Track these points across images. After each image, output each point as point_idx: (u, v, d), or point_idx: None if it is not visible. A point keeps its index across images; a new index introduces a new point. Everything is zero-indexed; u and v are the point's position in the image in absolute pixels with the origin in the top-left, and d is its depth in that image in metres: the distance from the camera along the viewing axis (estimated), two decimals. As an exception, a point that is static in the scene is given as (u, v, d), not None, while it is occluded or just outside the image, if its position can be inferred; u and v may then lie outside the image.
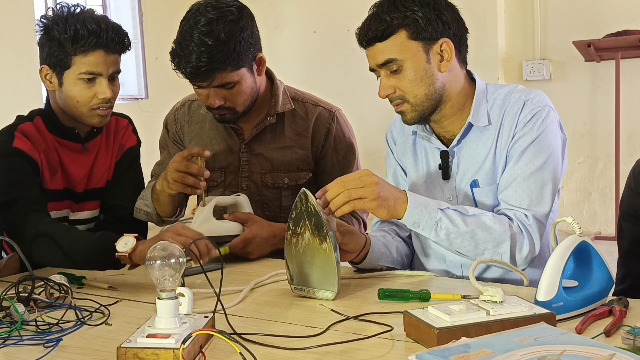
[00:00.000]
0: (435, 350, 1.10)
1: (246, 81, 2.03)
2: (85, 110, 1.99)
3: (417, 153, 1.90)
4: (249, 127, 2.18)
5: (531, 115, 1.74)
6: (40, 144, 2.02)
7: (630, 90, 5.33)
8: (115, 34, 1.96)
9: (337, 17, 6.20)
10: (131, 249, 1.69)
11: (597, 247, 1.48)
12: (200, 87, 2.01)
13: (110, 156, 2.15)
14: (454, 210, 1.67)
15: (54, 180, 2.03)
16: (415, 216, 1.64)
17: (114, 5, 6.37)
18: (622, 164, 5.23)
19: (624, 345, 1.21)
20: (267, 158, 2.17)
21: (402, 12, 1.70)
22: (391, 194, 1.62)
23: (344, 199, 1.57)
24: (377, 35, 1.71)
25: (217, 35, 1.92)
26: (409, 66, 1.71)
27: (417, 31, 1.70)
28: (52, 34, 1.95)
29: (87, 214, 2.13)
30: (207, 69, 1.94)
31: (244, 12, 2.01)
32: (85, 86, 1.96)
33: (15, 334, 1.39)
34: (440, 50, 1.73)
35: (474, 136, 1.79)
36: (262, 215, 2.15)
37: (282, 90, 2.18)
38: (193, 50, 1.92)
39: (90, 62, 1.94)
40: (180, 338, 1.20)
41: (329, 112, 2.21)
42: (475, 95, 1.79)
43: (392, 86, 1.74)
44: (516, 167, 1.73)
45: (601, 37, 5.21)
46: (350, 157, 2.22)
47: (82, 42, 1.92)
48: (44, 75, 2.01)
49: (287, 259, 1.63)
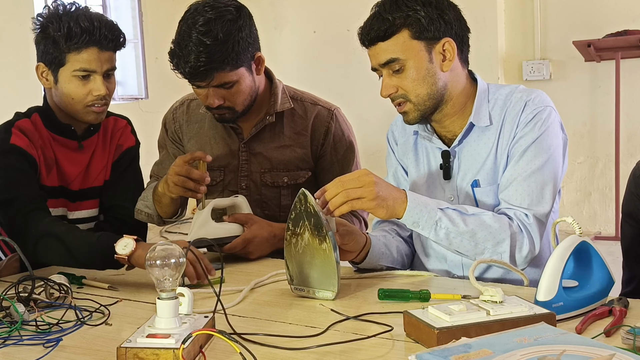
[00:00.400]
0: (435, 350, 1.10)
1: (245, 80, 2.03)
2: (80, 107, 1.99)
3: (418, 153, 1.90)
4: (248, 127, 2.18)
5: (532, 115, 1.74)
6: (38, 140, 2.02)
7: (630, 90, 5.32)
8: (108, 31, 1.96)
9: (337, 17, 6.20)
10: (130, 251, 1.70)
11: (597, 247, 1.48)
12: (199, 87, 2.01)
13: (106, 156, 2.15)
14: (454, 210, 1.67)
15: (49, 177, 2.04)
16: (415, 216, 1.64)
17: (114, 5, 6.37)
18: (622, 164, 5.23)
19: (624, 345, 1.21)
20: (267, 157, 2.17)
21: (404, 11, 1.70)
22: (390, 194, 1.62)
23: (342, 199, 1.57)
24: (379, 35, 1.71)
25: (216, 35, 1.92)
26: (411, 66, 1.71)
27: (419, 30, 1.70)
28: (47, 31, 1.96)
29: (85, 213, 2.12)
30: (206, 69, 1.94)
31: (242, 11, 2.01)
32: (80, 83, 1.96)
33: (15, 334, 1.39)
34: (442, 50, 1.73)
35: (475, 136, 1.79)
36: (262, 214, 2.15)
37: (281, 89, 2.18)
38: (191, 50, 1.92)
39: (84, 59, 1.95)
40: (180, 338, 1.20)
41: (328, 110, 2.21)
42: (477, 95, 1.80)
43: (394, 86, 1.74)
44: (517, 166, 1.73)
45: (601, 37, 5.21)
46: (349, 155, 2.22)
47: (75, 40, 1.93)
48: (40, 73, 2.02)
49: (287, 259, 1.63)
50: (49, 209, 2.02)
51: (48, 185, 2.03)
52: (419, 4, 1.70)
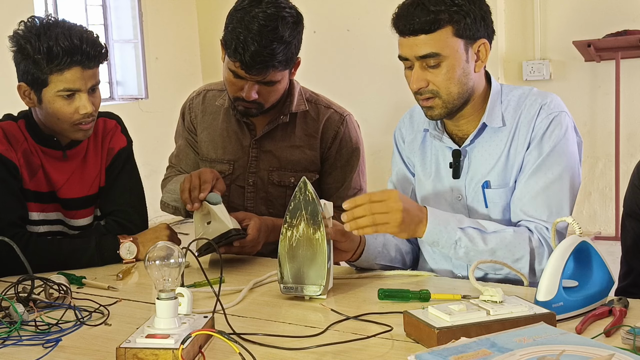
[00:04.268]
0: (435, 350, 1.10)
1: (284, 81, 2.07)
2: (67, 126, 1.95)
3: (426, 150, 1.89)
4: (261, 124, 2.19)
5: (548, 121, 1.73)
6: (21, 144, 1.98)
7: (630, 90, 5.32)
8: (91, 47, 1.90)
9: (337, 17, 6.20)
10: (135, 254, 1.96)
11: (597, 247, 1.48)
12: (245, 78, 2.00)
13: (99, 161, 2.10)
14: (474, 229, 1.67)
15: (34, 182, 2.00)
16: (435, 236, 1.66)
17: (114, 5, 6.36)
18: (622, 164, 5.23)
19: (624, 345, 1.20)
20: (276, 156, 2.18)
21: (448, 5, 1.66)
22: (413, 219, 1.63)
23: (368, 222, 1.58)
24: (424, 28, 1.66)
25: (282, 35, 1.95)
26: (448, 63, 1.69)
27: (462, 28, 1.68)
28: (26, 52, 1.89)
29: (82, 221, 2.10)
30: (265, 64, 1.95)
31: (300, 16, 2.04)
32: (65, 102, 1.91)
33: (14, 334, 1.39)
34: (477, 51, 1.72)
35: (487, 137, 1.78)
36: (267, 212, 2.16)
37: (297, 90, 2.20)
38: (254, 41, 1.93)
39: (67, 79, 1.89)
40: (180, 338, 1.20)
41: (340, 115, 2.22)
42: (491, 95, 1.78)
43: (426, 80, 1.71)
44: (534, 177, 1.72)
45: (601, 37, 5.21)
46: (353, 161, 2.22)
47: (57, 62, 1.87)
48: (23, 92, 1.96)
49: (280, 256, 1.61)
50: (38, 212, 2.01)
51: (35, 190, 2.00)
52: (465, 0, 1.68)
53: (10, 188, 1.95)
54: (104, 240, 1.97)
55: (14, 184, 1.96)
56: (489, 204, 1.78)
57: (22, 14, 2.22)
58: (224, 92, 2.21)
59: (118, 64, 6.40)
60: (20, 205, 1.97)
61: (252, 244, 1.96)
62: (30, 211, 2.00)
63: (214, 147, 2.22)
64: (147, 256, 1.30)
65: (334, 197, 2.10)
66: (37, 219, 2.02)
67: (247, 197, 2.20)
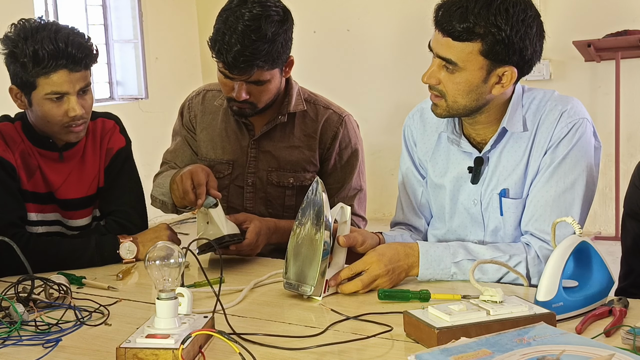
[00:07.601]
0: (435, 350, 1.10)
1: (275, 80, 2.06)
2: (57, 129, 1.95)
3: (441, 154, 1.86)
4: (260, 124, 2.18)
5: (567, 129, 1.70)
6: (18, 145, 1.99)
7: (630, 90, 5.32)
8: (77, 50, 1.89)
9: (337, 17, 6.20)
10: (135, 254, 1.96)
11: (597, 247, 1.48)
12: (232, 78, 2.01)
13: (97, 161, 2.10)
14: (469, 261, 1.67)
15: (32, 182, 2.00)
16: (429, 275, 1.69)
17: (114, 5, 6.36)
18: (622, 164, 5.23)
19: (624, 345, 1.21)
20: (275, 156, 2.18)
21: (489, 22, 1.60)
22: (403, 269, 1.67)
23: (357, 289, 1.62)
24: (454, 33, 1.62)
25: (264, 33, 1.94)
26: (464, 75, 1.65)
27: (491, 50, 1.62)
28: (14, 55, 1.90)
29: (81, 221, 2.10)
30: (248, 64, 1.95)
31: (288, 14, 2.03)
32: (54, 105, 1.91)
33: (14, 334, 1.39)
34: (501, 75, 1.67)
35: (506, 142, 1.75)
36: (266, 212, 2.16)
37: (296, 90, 2.20)
38: (237, 42, 1.93)
39: (54, 82, 1.88)
40: (180, 338, 1.20)
41: (338, 116, 2.21)
42: (512, 99, 1.74)
43: (438, 79, 1.69)
44: (547, 185, 1.70)
45: (601, 37, 5.21)
46: (353, 162, 2.22)
47: (42, 65, 1.86)
48: (14, 95, 1.96)
49: (287, 252, 1.63)
50: (37, 213, 2.01)
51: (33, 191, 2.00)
52: (508, 24, 1.60)
53: (9, 188, 1.95)
54: (104, 240, 1.97)
55: (12, 184, 1.96)
56: (505, 213, 1.76)
57: (22, 14, 2.22)
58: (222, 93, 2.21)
59: (118, 64, 6.40)
60: (19, 205, 1.97)
61: (250, 248, 1.96)
62: (29, 212, 2.00)
63: (213, 147, 2.22)
64: (147, 256, 1.30)
65: (334, 198, 2.10)
66: (35, 219, 2.02)
67: (246, 197, 2.20)
